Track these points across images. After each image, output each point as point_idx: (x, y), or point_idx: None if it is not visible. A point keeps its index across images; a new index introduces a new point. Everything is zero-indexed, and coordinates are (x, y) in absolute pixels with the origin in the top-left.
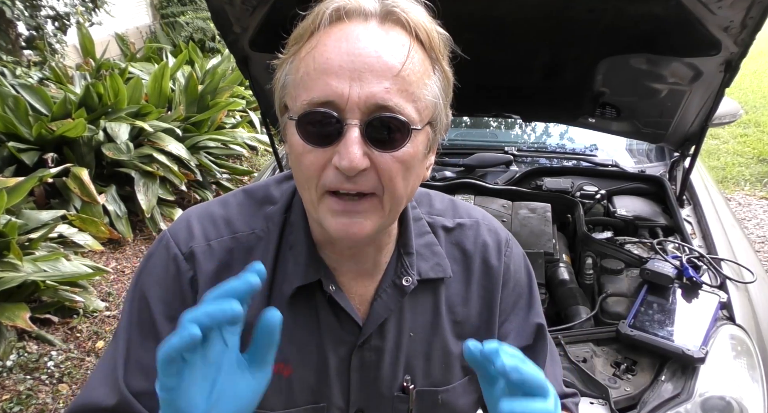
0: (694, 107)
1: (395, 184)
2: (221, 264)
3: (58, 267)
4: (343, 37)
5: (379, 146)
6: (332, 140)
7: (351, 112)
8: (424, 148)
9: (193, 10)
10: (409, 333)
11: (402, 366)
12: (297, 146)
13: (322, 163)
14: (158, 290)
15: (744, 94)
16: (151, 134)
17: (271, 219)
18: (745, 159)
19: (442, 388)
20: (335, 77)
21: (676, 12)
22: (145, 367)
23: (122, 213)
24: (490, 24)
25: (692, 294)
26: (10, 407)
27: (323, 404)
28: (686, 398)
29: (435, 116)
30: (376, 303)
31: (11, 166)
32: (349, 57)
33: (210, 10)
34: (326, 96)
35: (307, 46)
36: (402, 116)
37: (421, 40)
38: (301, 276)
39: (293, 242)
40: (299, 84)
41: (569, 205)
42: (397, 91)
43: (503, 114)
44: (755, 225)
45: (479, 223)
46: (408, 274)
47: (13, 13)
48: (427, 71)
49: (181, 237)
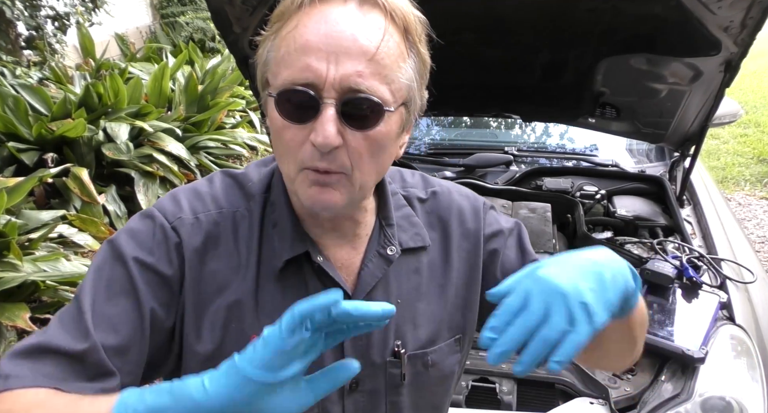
0: (694, 107)
1: (363, 161)
2: (208, 237)
3: (58, 267)
4: (322, 18)
5: (352, 125)
6: (309, 117)
7: (327, 91)
8: (397, 128)
9: (193, 10)
10: (396, 300)
11: (392, 332)
12: (276, 121)
13: (300, 140)
14: (140, 251)
15: (744, 94)
16: (151, 134)
17: (252, 198)
18: (745, 159)
19: (430, 349)
20: (314, 58)
21: (676, 12)
22: (114, 322)
23: (122, 214)
24: (490, 24)
25: (692, 294)
26: None
27: None
28: (686, 398)
29: (409, 97)
30: (363, 272)
31: (11, 166)
32: (327, 39)
33: (210, 10)
34: (305, 76)
35: (288, 26)
36: (375, 97)
37: (397, 23)
38: (289, 249)
39: (276, 219)
40: (280, 62)
41: (569, 204)
42: (371, 73)
43: (503, 114)
44: (755, 225)
45: (451, 190)
46: (392, 244)
47: (13, 13)
48: (403, 54)
49: (169, 210)
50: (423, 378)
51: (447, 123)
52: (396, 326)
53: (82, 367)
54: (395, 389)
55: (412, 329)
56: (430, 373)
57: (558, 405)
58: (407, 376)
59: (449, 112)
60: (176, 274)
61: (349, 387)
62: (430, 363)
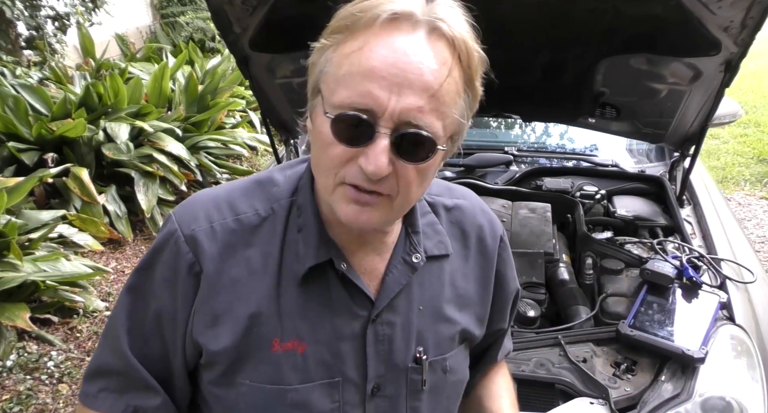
0: (694, 107)
1: (410, 189)
2: (224, 246)
3: (58, 267)
4: (390, 45)
5: (404, 157)
6: (361, 142)
7: (385, 121)
8: (441, 159)
9: (193, 10)
10: (418, 307)
11: (414, 339)
12: (326, 137)
13: (347, 158)
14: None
15: (744, 94)
16: (151, 134)
17: (277, 202)
18: (745, 159)
19: (447, 355)
20: (377, 86)
21: (676, 12)
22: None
23: (122, 213)
24: (490, 24)
25: (692, 294)
26: (10, 407)
27: (338, 378)
28: (686, 398)
29: (458, 131)
30: (388, 278)
31: (11, 166)
32: (394, 69)
33: (210, 10)
34: (365, 103)
35: (352, 44)
36: (430, 134)
37: (461, 59)
38: (313, 256)
39: (302, 224)
40: (340, 80)
41: (569, 204)
42: (430, 109)
43: (503, 114)
44: (755, 225)
45: (474, 206)
46: (417, 251)
47: (13, 13)
48: (460, 90)
49: (185, 221)
50: (442, 384)
51: None
52: (418, 332)
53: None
54: (416, 394)
55: (433, 335)
56: (448, 378)
57: (558, 405)
58: (427, 382)
59: None
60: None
61: (371, 392)
62: (449, 369)
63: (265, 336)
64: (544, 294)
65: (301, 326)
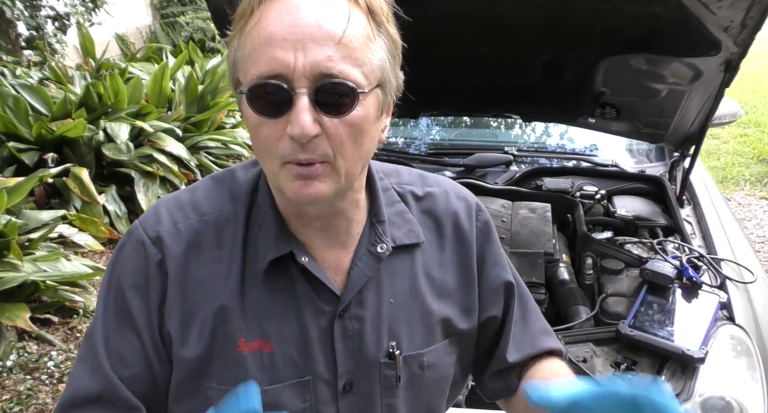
0: (694, 107)
1: (345, 148)
2: (189, 246)
3: (58, 267)
4: (283, 8)
5: (328, 112)
6: (283, 110)
7: (298, 81)
8: (375, 111)
9: (193, 10)
10: (389, 300)
11: (386, 333)
12: (252, 119)
13: (278, 134)
14: (130, 277)
15: (744, 94)
16: (151, 134)
17: (238, 200)
18: (745, 159)
19: (425, 350)
20: (280, 49)
21: (676, 12)
22: (124, 356)
23: (122, 214)
24: (490, 24)
25: (692, 294)
26: (10, 407)
27: (308, 377)
28: (686, 398)
29: (384, 78)
30: (353, 272)
31: (11, 166)
32: (291, 28)
33: (210, 10)
34: (273, 68)
35: (251, 21)
36: (348, 81)
37: (360, 5)
38: (273, 249)
39: (262, 221)
40: (247, 59)
41: (569, 204)
42: (341, 57)
43: (503, 114)
44: (755, 225)
45: (448, 192)
46: (382, 241)
47: (13, 13)
48: (371, 35)
49: (149, 224)
50: (419, 380)
51: (447, 123)
52: (389, 326)
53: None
54: (390, 390)
55: (407, 329)
56: (426, 375)
57: None
58: (402, 378)
59: (449, 112)
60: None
61: (343, 389)
62: (426, 365)
63: (231, 336)
64: (544, 294)
65: (266, 325)
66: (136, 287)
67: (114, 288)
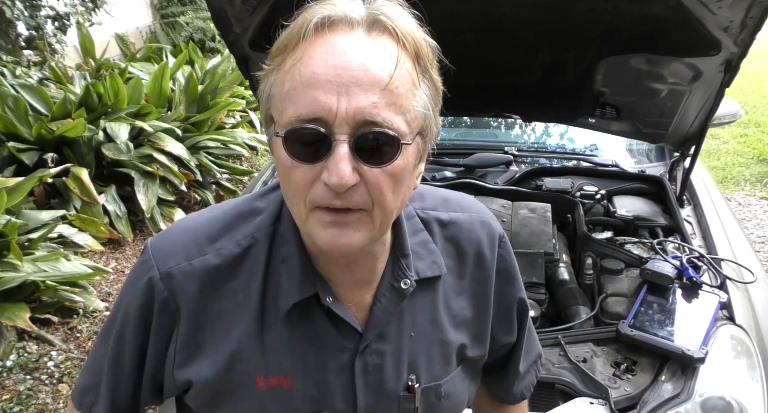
0: (694, 107)
1: (385, 198)
2: (203, 282)
3: (58, 268)
4: (329, 49)
5: (368, 161)
6: (320, 156)
7: (339, 127)
8: (414, 159)
9: (193, 10)
10: (410, 333)
11: (405, 366)
12: (284, 161)
13: (311, 179)
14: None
15: (744, 94)
16: (151, 134)
17: (259, 230)
18: (745, 159)
19: (443, 381)
20: (322, 92)
21: (676, 12)
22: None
23: (122, 214)
24: (490, 24)
25: (692, 294)
26: (10, 407)
27: (326, 412)
28: (686, 398)
29: (425, 126)
30: (376, 309)
31: (11, 166)
32: (336, 71)
33: (210, 10)
34: (313, 112)
35: (291, 58)
36: (391, 131)
37: (408, 49)
38: (297, 291)
39: (285, 255)
40: (285, 98)
41: (569, 204)
42: (386, 104)
43: (503, 114)
44: (755, 225)
45: (472, 219)
46: (406, 277)
47: (13, 13)
48: (415, 81)
49: (161, 256)
50: (435, 410)
51: (447, 123)
52: (410, 359)
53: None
54: None
55: (426, 362)
56: (443, 404)
57: (558, 405)
58: (420, 409)
59: (449, 112)
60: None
61: None
62: (443, 395)
63: (249, 373)
64: (544, 294)
65: (286, 362)
66: (141, 315)
67: (120, 318)
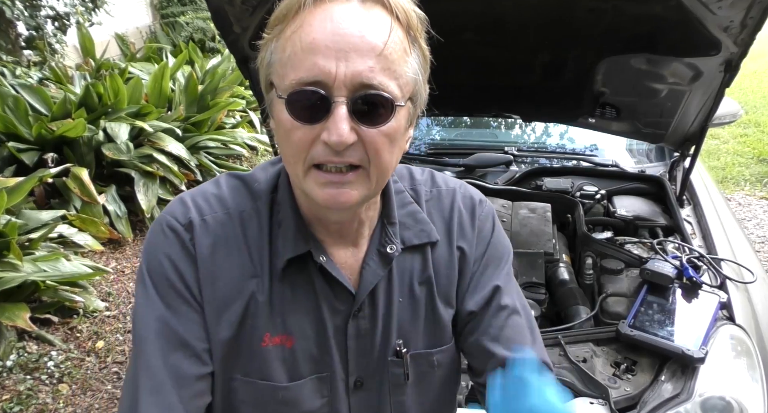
0: (694, 107)
1: (381, 156)
2: (216, 237)
3: (58, 268)
4: (327, 17)
5: (365, 122)
6: (320, 117)
7: (338, 89)
8: (405, 122)
9: (193, 10)
10: (398, 299)
11: (394, 331)
12: (286, 123)
13: (311, 139)
14: (167, 260)
15: (744, 94)
16: (151, 134)
17: (260, 199)
18: (745, 159)
19: (435, 350)
20: (322, 57)
21: (676, 12)
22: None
23: (122, 214)
24: (490, 24)
25: (692, 294)
26: (10, 407)
27: (326, 373)
28: (686, 398)
29: (415, 91)
30: (365, 271)
31: (11, 166)
32: (334, 37)
33: (210, 10)
34: (314, 75)
35: (291, 26)
36: (386, 93)
37: (400, 19)
38: (291, 248)
39: (281, 219)
40: (286, 63)
41: (569, 204)
42: (381, 69)
43: (503, 114)
44: (755, 225)
45: (456, 191)
46: (392, 242)
47: (13, 13)
48: (407, 49)
49: (178, 213)
50: (429, 378)
51: (447, 123)
52: (399, 325)
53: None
54: (399, 388)
55: (416, 328)
56: (437, 373)
57: None
58: (411, 376)
59: (449, 112)
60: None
61: (354, 386)
62: (437, 364)
63: (258, 329)
64: (544, 294)
65: (288, 320)
66: (180, 261)
67: (155, 275)
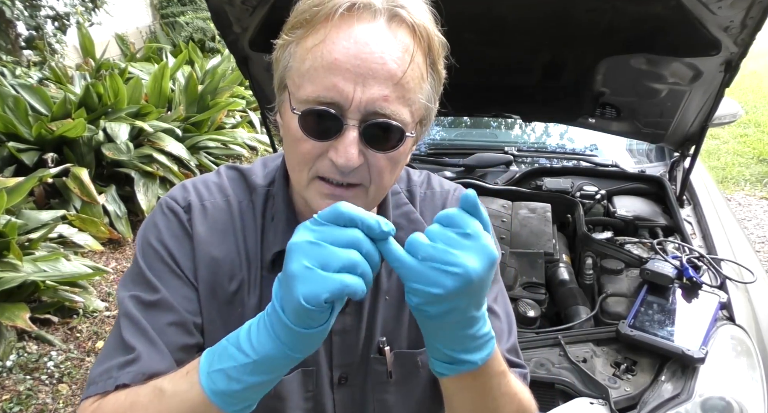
0: (694, 107)
1: (383, 177)
2: (214, 222)
3: (58, 268)
4: (351, 36)
5: (374, 147)
6: (330, 135)
7: (352, 113)
8: (412, 144)
9: (193, 10)
10: (384, 297)
11: (378, 329)
12: (295, 133)
13: (318, 153)
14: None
15: (744, 94)
16: (151, 134)
17: (255, 191)
18: (745, 159)
19: (419, 350)
20: (342, 79)
21: (676, 12)
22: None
23: (122, 214)
24: (490, 24)
25: (692, 295)
26: (10, 407)
27: (312, 367)
28: (686, 398)
29: (425, 115)
30: None
31: (11, 166)
32: (356, 60)
33: (210, 10)
34: (331, 96)
35: (314, 37)
36: (397, 122)
37: (422, 44)
38: (280, 241)
39: (274, 212)
40: (304, 75)
41: (569, 204)
42: (396, 97)
43: (503, 114)
44: (755, 225)
45: (450, 192)
46: None
47: (13, 13)
48: (424, 75)
49: (179, 196)
50: (414, 379)
51: (447, 123)
52: (383, 323)
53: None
54: (381, 386)
55: (398, 327)
56: (422, 374)
57: (558, 405)
58: (395, 375)
59: (449, 112)
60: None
61: (338, 381)
62: (421, 364)
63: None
64: (544, 294)
65: None
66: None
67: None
